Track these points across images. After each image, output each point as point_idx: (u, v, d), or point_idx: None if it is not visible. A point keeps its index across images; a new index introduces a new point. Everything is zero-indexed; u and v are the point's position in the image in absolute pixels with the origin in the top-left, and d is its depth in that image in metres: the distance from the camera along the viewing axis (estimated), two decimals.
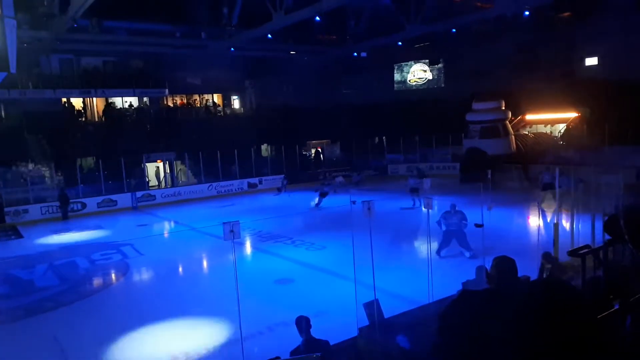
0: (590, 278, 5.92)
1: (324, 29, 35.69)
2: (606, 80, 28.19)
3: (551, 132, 32.87)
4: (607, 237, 10.25)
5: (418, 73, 41.74)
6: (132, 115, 34.07)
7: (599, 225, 11.13)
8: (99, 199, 25.23)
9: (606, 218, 10.39)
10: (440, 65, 40.35)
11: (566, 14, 33.57)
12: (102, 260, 15.54)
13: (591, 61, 32.79)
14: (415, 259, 13.48)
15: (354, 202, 20.47)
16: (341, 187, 25.04)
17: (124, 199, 25.79)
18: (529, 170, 25.35)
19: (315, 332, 6.32)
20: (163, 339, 9.11)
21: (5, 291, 13.03)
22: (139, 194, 26.32)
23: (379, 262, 9.63)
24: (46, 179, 26.19)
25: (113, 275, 14.07)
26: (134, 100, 35.11)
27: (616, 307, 4.40)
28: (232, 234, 6.60)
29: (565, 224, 12.22)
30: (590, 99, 27.80)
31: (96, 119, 33.70)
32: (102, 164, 25.79)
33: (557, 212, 13.03)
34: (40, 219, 23.10)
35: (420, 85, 41.59)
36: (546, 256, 8.09)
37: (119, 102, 34.54)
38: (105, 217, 23.70)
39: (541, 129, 33.67)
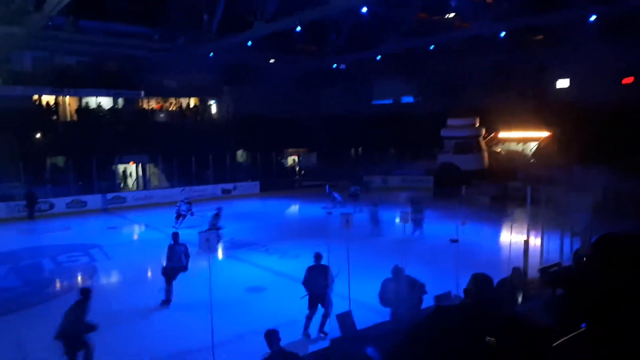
0: (559, 295, 6.04)
1: (305, 40, 35.83)
2: (576, 103, 29.07)
3: (523, 150, 33.64)
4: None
5: (395, 87, 42.22)
6: (105, 116, 33.43)
7: (567, 243, 11.42)
8: (68, 199, 24.58)
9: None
10: (417, 80, 40.91)
11: (539, 37, 34.59)
12: (69, 262, 15.13)
13: (563, 83, 33.80)
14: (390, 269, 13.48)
15: (329, 213, 20.52)
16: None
17: (94, 200, 25.20)
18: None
19: (287, 342, 6.27)
20: (130, 345, 8.89)
21: None
22: (109, 195, 25.75)
23: (353, 272, 9.65)
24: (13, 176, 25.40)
25: (79, 278, 13.69)
26: (108, 101, 34.50)
27: (583, 326, 4.45)
28: (208, 243, 6.50)
29: (535, 240, 12.45)
30: (561, 119, 28.59)
31: (68, 119, 32.94)
32: (73, 164, 25.17)
33: (527, 229, 13.26)
34: (6, 218, 22.37)
35: (397, 99, 42.06)
36: (515, 271, 8.27)
37: (92, 102, 33.87)
38: (74, 218, 23.11)
39: (513, 146, 34.44)
